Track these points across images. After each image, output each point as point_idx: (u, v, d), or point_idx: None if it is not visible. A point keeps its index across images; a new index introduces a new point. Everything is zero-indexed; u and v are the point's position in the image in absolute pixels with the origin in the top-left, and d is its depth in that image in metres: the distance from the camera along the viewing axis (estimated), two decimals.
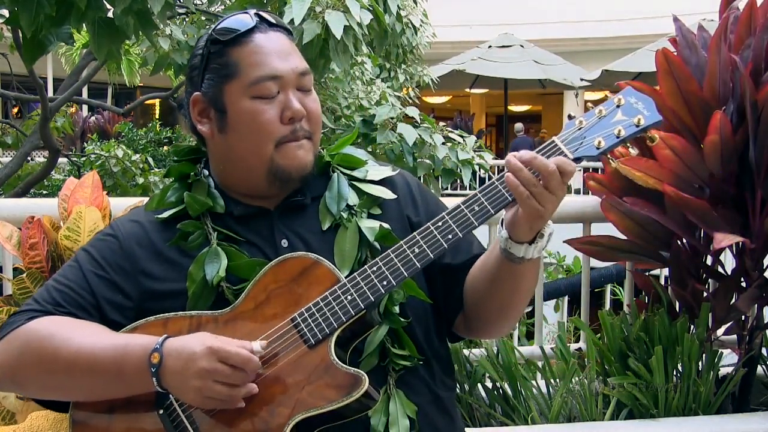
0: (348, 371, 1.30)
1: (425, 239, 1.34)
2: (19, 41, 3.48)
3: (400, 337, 1.42)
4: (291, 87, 1.42)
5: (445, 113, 21.00)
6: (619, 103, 1.38)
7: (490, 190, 1.34)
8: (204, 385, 1.26)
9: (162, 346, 1.29)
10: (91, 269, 1.43)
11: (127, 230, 1.47)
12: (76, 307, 1.40)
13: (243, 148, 1.43)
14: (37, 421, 1.82)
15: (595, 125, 1.36)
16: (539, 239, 1.35)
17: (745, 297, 2.61)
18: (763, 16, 2.60)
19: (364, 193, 1.51)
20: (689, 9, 10.67)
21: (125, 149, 6.81)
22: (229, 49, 1.42)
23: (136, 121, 16.56)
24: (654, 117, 1.36)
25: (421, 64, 8.51)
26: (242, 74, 1.40)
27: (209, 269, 1.40)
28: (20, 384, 1.42)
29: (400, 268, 1.33)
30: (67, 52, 12.42)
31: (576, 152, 1.35)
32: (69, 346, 1.33)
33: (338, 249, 1.43)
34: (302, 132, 1.43)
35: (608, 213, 2.76)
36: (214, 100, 1.43)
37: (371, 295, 1.33)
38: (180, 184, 1.51)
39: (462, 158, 4.17)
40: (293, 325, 1.33)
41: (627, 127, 1.35)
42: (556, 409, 2.60)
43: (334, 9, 3.20)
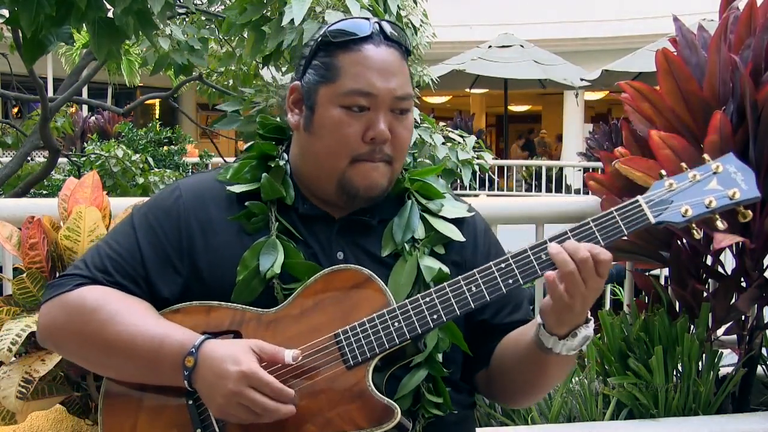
0: (382, 401, 1.28)
1: (484, 279, 1.30)
2: (19, 41, 3.47)
3: (438, 384, 1.39)
4: (383, 108, 1.38)
5: (445, 113, 20.98)
6: (716, 170, 1.28)
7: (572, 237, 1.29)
8: (227, 404, 1.25)
9: (198, 351, 1.28)
10: (146, 239, 1.41)
11: (189, 200, 1.44)
12: (125, 278, 1.40)
13: (320, 152, 1.41)
14: (37, 421, 1.82)
15: (686, 190, 1.28)
16: (571, 337, 1.29)
17: (745, 297, 2.61)
18: (763, 16, 2.60)
19: (433, 228, 1.47)
20: (689, 9, 10.66)
21: (125, 149, 6.81)
22: (337, 51, 1.40)
23: (136, 121, 16.55)
24: (752, 192, 1.26)
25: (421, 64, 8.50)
26: (339, 80, 1.38)
27: (264, 260, 1.38)
28: (60, 348, 1.46)
29: (454, 304, 1.30)
30: (67, 52, 12.40)
31: (659, 217, 1.28)
32: (111, 325, 1.34)
33: (393, 280, 1.40)
34: (381, 155, 1.39)
35: None
36: (308, 96, 1.42)
37: (419, 327, 1.30)
38: (259, 162, 1.48)
39: (462, 158, 4.17)
40: (335, 341, 1.31)
41: (719, 198, 1.26)
42: (556, 409, 2.60)
43: (334, 9, 3.19)
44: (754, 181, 1.28)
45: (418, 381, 1.37)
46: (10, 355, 1.67)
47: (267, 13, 2.94)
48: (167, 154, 10.83)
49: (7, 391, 1.70)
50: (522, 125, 22.30)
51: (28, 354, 1.78)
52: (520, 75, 13.81)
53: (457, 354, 1.45)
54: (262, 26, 2.92)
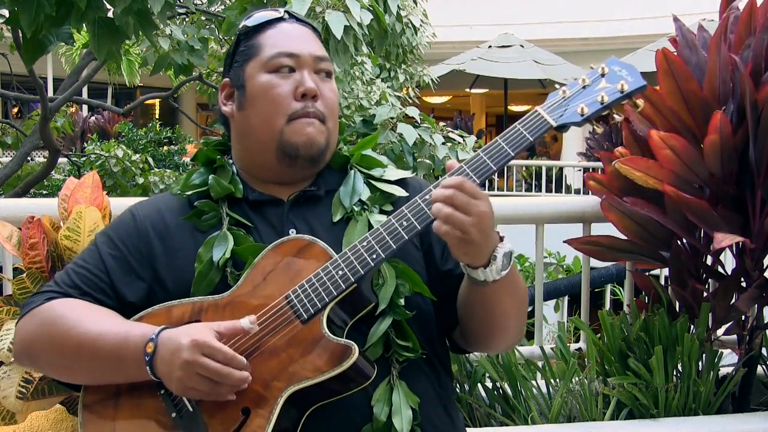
0: (339, 342, 1.33)
1: (413, 212, 1.35)
2: (19, 41, 3.48)
3: (404, 329, 1.43)
4: (307, 68, 1.48)
5: (445, 113, 20.99)
6: (603, 72, 1.39)
7: (472, 164, 1.36)
8: (185, 375, 1.29)
9: (158, 336, 1.33)
10: (108, 251, 1.49)
11: (144, 213, 1.53)
12: (94, 289, 1.47)
13: (257, 122, 1.49)
14: (37, 421, 1.82)
15: (579, 94, 1.38)
16: (492, 261, 1.32)
17: (745, 297, 2.61)
18: (763, 16, 2.60)
19: (377, 189, 1.54)
20: (689, 9, 10.68)
21: (125, 149, 6.82)
22: (256, 34, 1.52)
23: (136, 121, 16.56)
24: (638, 82, 1.37)
25: (421, 64, 8.50)
26: (262, 52, 1.49)
27: (216, 251, 1.44)
28: (35, 361, 1.50)
29: (388, 240, 1.35)
30: (67, 52, 12.42)
31: (560, 119, 1.37)
32: (78, 329, 1.39)
33: (346, 240, 1.46)
34: (314, 111, 1.47)
35: (608, 213, 2.76)
36: (236, 80, 1.52)
37: (361, 269, 1.35)
38: (205, 168, 1.57)
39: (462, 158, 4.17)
40: (287, 302, 1.36)
41: (611, 93, 1.37)
42: (556, 409, 2.60)
43: (335, 9, 3.20)
44: (638, 73, 1.38)
45: (385, 328, 1.41)
46: (10, 355, 1.67)
47: None
48: (167, 154, 10.84)
49: (7, 391, 1.70)
50: None
51: None
52: (520, 75, 13.83)
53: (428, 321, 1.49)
54: None
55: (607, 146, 12.64)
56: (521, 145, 1.35)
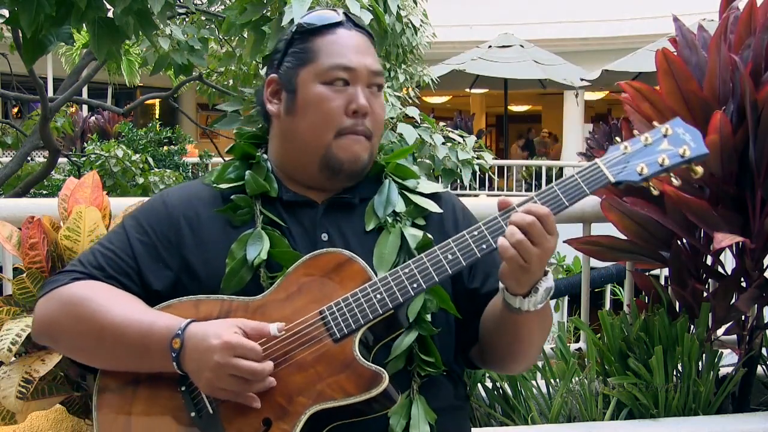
0: (369, 368, 1.32)
1: (459, 246, 1.35)
2: (19, 41, 3.48)
3: (428, 345, 1.43)
4: (361, 83, 1.46)
5: (445, 113, 20.99)
6: (666, 133, 1.38)
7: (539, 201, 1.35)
8: (216, 377, 1.29)
9: (184, 332, 1.32)
10: (136, 236, 1.47)
11: (175, 201, 1.51)
12: (119, 272, 1.45)
13: (305, 130, 1.47)
14: (37, 421, 1.82)
15: (640, 151, 1.37)
16: (533, 293, 1.34)
17: (745, 297, 2.61)
18: (763, 16, 2.60)
19: (411, 202, 1.53)
20: (689, 9, 10.67)
21: (125, 149, 6.81)
22: (312, 37, 1.48)
23: (136, 121, 16.56)
24: (700, 149, 1.36)
25: (421, 64, 8.50)
26: (318, 60, 1.46)
27: (251, 250, 1.43)
28: (55, 341, 1.47)
29: (431, 272, 1.34)
30: (67, 52, 12.42)
31: (618, 176, 1.36)
32: (103, 313, 1.38)
33: (378, 251, 1.46)
34: (362, 128, 1.47)
35: (608, 213, 2.76)
36: (287, 82, 1.49)
37: (400, 296, 1.34)
38: (241, 162, 1.55)
39: (462, 158, 4.17)
40: (321, 317, 1.35)
41: (672, 156, 1.35)
42: (556, 409, 2.60)
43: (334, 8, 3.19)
44: (701, 139, 1.37)
45: (410, 342, 1.41)
46: (10, 355, 1.68)
47: (267, 13, 2.94)
48: (167, 154, 10.84)
49: (7, 391, 1.70)
50: (522, 125, 22.29)
51: (28, 354, 1.78)
52: (520, 75, 13.81)
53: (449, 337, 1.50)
54: (262, 26, 2.92)
55: (607, 146, 12.63)
56: (577, 196, 1.36)
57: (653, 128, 1.39)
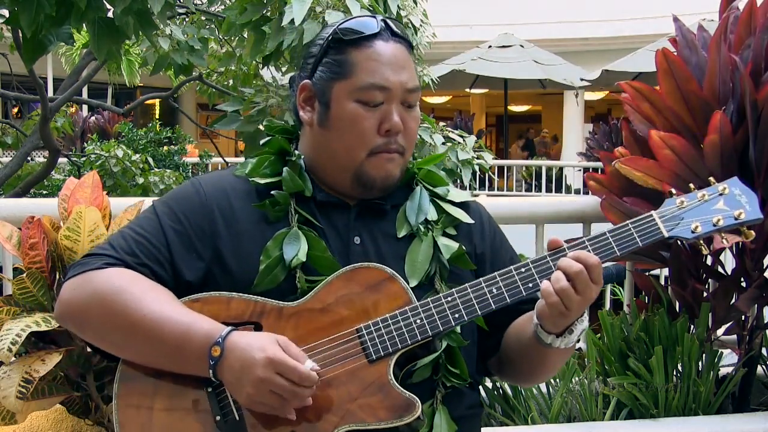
0: (403, 394, 1.31)
1: (505, 282, 1.35)
2: (19, 41, 3.48)
3: (455, 355, 1.43)
4: (396, 100, 1.43)
5: (445, 113, 20.98)
6: (722, 192, 1.38)
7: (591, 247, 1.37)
8: (257, 392, 1.27)
9: (225, 341, 1.29)
10: (170, 223, 1.43)
11: (209, 190, 1.47)
12: (151, 260, 1.40)
13: (337, 146, 1.45)
14: (37, 421, 1.82)
15: (695, 208, 1.37)
16: (568, 334, 1.35)
17: (745, 297, 2.61)
18: (763, 16, 2.60)
19: (443, 211, 1.52)
20: (689, 9, 10.67)
21: (125, 149, 6.81)
22: (349, 48, 1.44)
23: (136, 121, 16.55)
24: (755, 214, 1.36)
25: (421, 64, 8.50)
26: (354, 76, 1.42)
27: (288, 249, 1.40)
28: (81, 327, 1.43)
29: (475, 305, 1.35)
30: (67, 52, 12.42)
31: (671, 231, 1.37)
32: (137, 308, 1.34)
33: (410, 259, 1.45)
34: (396, 146, 1.44)
35: (608, 213, 2.76)
36: (321, 93, 1.46)
37: (440, 325, 1.34)
38: (277, 158, 1.52)
39: (462, 158, 4.17)
40: (357, 336, 1.34)
41: (726, 217, 1.35)
42: (556, 409, 2.60)
43: (335, 9, 3.19)
44: (757, 203, 1.37)
45: (439, 351, 1.40)
46: (10, 355, 1.67)
47: (267, 13, 2.94)
48: (167, 154, 10.83)
49: (7, 391, 1.70)
50: (522, 125, 22.29)
51: (28, 354, 1.78)
52: (520, 75, 13.80)
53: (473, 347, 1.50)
54: (262, 26, 2.93)
55: (607, 146, 12.63)
56: (629, 247, 1.37)
57: (711, 185, 1.39)
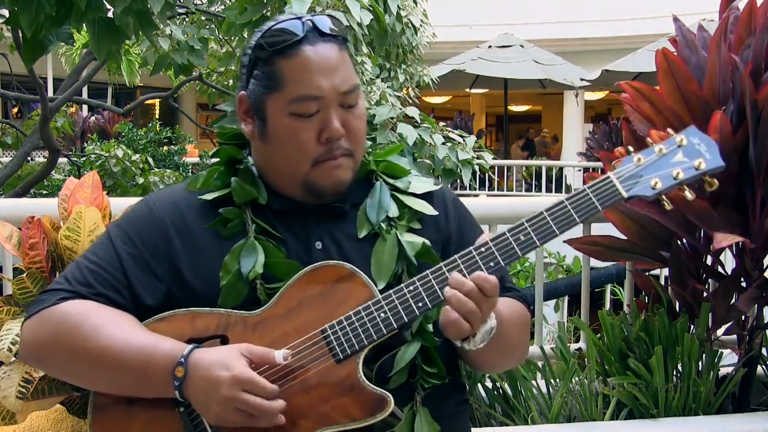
0: (374, 391, 1.28)
1: (466, 263, 1.30)
2: (19, 41, 3.48)
3: (431, 355, 1.40)
4: (332, 105, 1.38)
5: (445, 113, 20.98)
6: (680, 143, 1.32)
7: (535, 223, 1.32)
8: (223, 411, 1.24)
9: (187, 360, 1.27)
10: (124, 247, 1.40)
11: (163, 208, 1.44)
12: (108, 288, 1.38)
13: (280, 160, 1.42)
14: (37, 421, 1.82)
15: (654, 163, 1.32)
16: (472, 337, 1.31)
17: (745, 297, 2.61)
18: (763, 16, 2.60)
19: (405, 205, 1.48)
20: (689, 9, 10.66)
21: (125, 149, 6.82)
22: (276, 59, 1.38)
23: (136, 121, 16.55)
24: (716, 161, 1.30)
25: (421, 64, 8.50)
26: (285, 89, 1.37)
27: (245, 263, 1.37)
28: (45, 364, 1.42)
29: (437, 290, 1.30)
30: (67, 52, 12.42)
31: (630, 191, 1.31)
32: (96, 339, 1.32)
33: (376, 260, 1.41)
34: (340, 150, 1.39)
35: (608, 213, 2.76)
36: (257, 107, 1.42)
37: (405, 316, 1.30)
38: (227, 168, 1.48)
39: (462, 158, 4.17)
40: (323, 336, 1.31)
41: (686, 169, 1.30)
42: (556, 409, 2.60)
43: (334, 9, 3.20)
44: (717, 150, 1.31)
45: (413, 354, 1.37)
46: (10, 355, 1.67)
47: (267, 13, 2.95)
48: (167, 154, 10.84)
49: (7, 391, 1.70)
50: (522, 125, 22.28)
51: None
52: (520, 75, 13.81)
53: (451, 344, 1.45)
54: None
55: (607, 146, 12.64)
56: (589, 212, 1.31)
57: (668, 136, 1.34)
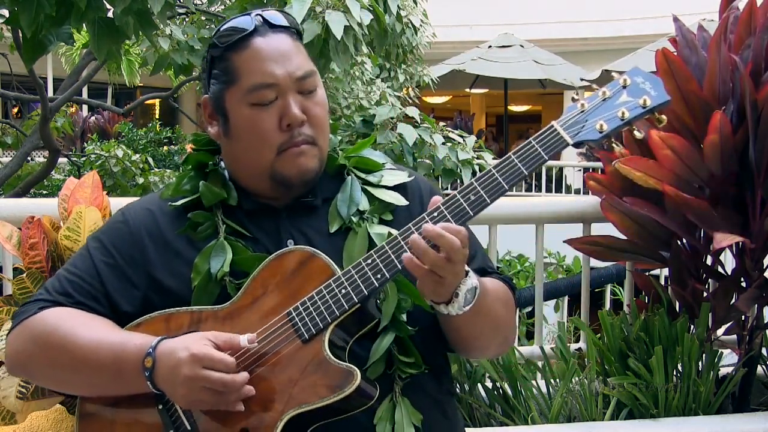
0: (340, 366, 1.29)
1: (419, 229, 1.28)
2: (19, 41, 3.48)
3: (406, 345, 1.41)
4: (290, 92, 1.40)
5: (445, 113, 20.98)
6: (624, 84, 1.31)
7: (483, 181, 1.30)
8: (189, 391, 1.27)
9: (155, 350, 1.31)
10: (101, 258, 1.44)
11: (137, 218, 1.48)
12: (86, 297, 1.42)
13: (245, 154, 1.44)
14: (37, 421, 1.82)
15: (598, 108, 1.31)
16: (455, 298, 1.30)
17: (745, 297, 2.61)
18: (763, 16, 2.60)
19: (376, 198, 1.49)
20: (689, 9, 10.67)
21: (125, 149, 6.82)
22: (229, 54, 1.41)
23: (136, 121, 16.55)
24: (661, 97, 1.29)
25: (421, 64, 8.50)
26: (240, 81, 1.40)
27: (214, 263, 1.40)
28: (30, 374, 1.47)
29: (394, 260, 1.30)
30: (67, 52, 12.42)
31: (576, 137, 1.30)
32: (73, 341, 1.36)
33: (347, 254, 1.42)
34: (302, 137, 1.41)
35: (608, 213, 2.76)
36: (218, 105, 1.45)
37: (365, 289, 1.31)
38: (196, 173, 1.51)
39: (462, 158, 4.18)
40: (288, 319, 1.33)
41: (632, 108, 1.29)
42: (556, 409, 2.60)
43: (335, 9, 3.20)
44: (662, 86, 1.30)
45: (387, 344, 1.38)
46: None
47: None
48: (167, 154, 10.84)
49: (7, 391, 1.70)
50: (522, 125, 22.28)
51: None
52: (520, 75, 13.80)
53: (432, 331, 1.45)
54: None
55: (607, 146, 12.63)
56: (536, 162, 1.29)
57: (611, 81, 1.32)
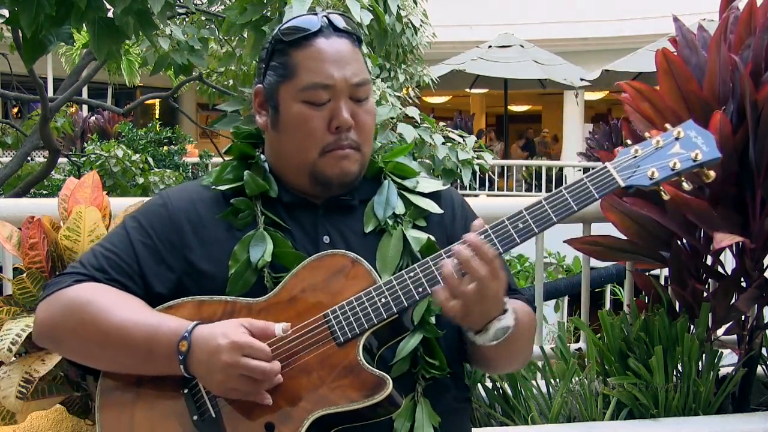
0: (373, 373, 1.31)
1: None
2: (19, 41, 3.48)
3: (433, 347, 1.43)
4: (343, 96, 1.43)
5: (445, 113, 20.98)
6: (678, 136, 1.35)
7: (533, 210, 1.33)
8: (227, 378, 1.29)
9: (191, 334, 1.32)
10: (138, 238, 1.46)
11: (177, 202, 1.50)
12: (122, 275, 1.43)
13: (290, 148, 1.47)
14: (37, 421, 1.82)
15: (651, 155, 1.35)
16: (485, 332, 1.33)
17: (745, 297, 2.61)
18: (763, 16, 2.60)
19: (411, 203, 1.52)
20: (689, 9, 10.67)
21: (125, 149, 6.82)
22: (291, 50, 1.44)
23: (136, 121, 16.54)
24: (713, 153, 1.33)
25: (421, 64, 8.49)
26: (297, 77, 1.43)
27: (254, 252, 1.42)
28: (57, 344, 1.47)
29: (437, 276, 1.32)
30: (67, 52, 12.42)
31: (628, 180, 1.34)
32: (106, 317, 1.37)
33: (381, 254, 1.45)
34: (348, 142, 1.44)
35: (608, 213, 2.76)
36: (270, 97, 1.47)
37: (405, 301, 1.33)
38: (239, 162, 1.54)
39: (462, 158, 4.17)
40: (325, 321, 1.35)
41: (683, 160, 1.33)
42: (556, 409, 2.60)
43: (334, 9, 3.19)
44: (714, 143, 1.34)
45: (414, 344, 1.40)
46: (10, 355, 1.67)
47: (267, 13, 2.94)
48: (167, 154, 10.83)
49: (7, 391, 1.70)
50: (522, 125, 22.29)
51: (28, 354, 1.78)
52: (520, 75, 13.82)
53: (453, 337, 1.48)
54: (262, 26, 2.93)
55: (607, 146, 12.64)
56: (587, 201, 1.33)
57: (665, 131, 1.36)
